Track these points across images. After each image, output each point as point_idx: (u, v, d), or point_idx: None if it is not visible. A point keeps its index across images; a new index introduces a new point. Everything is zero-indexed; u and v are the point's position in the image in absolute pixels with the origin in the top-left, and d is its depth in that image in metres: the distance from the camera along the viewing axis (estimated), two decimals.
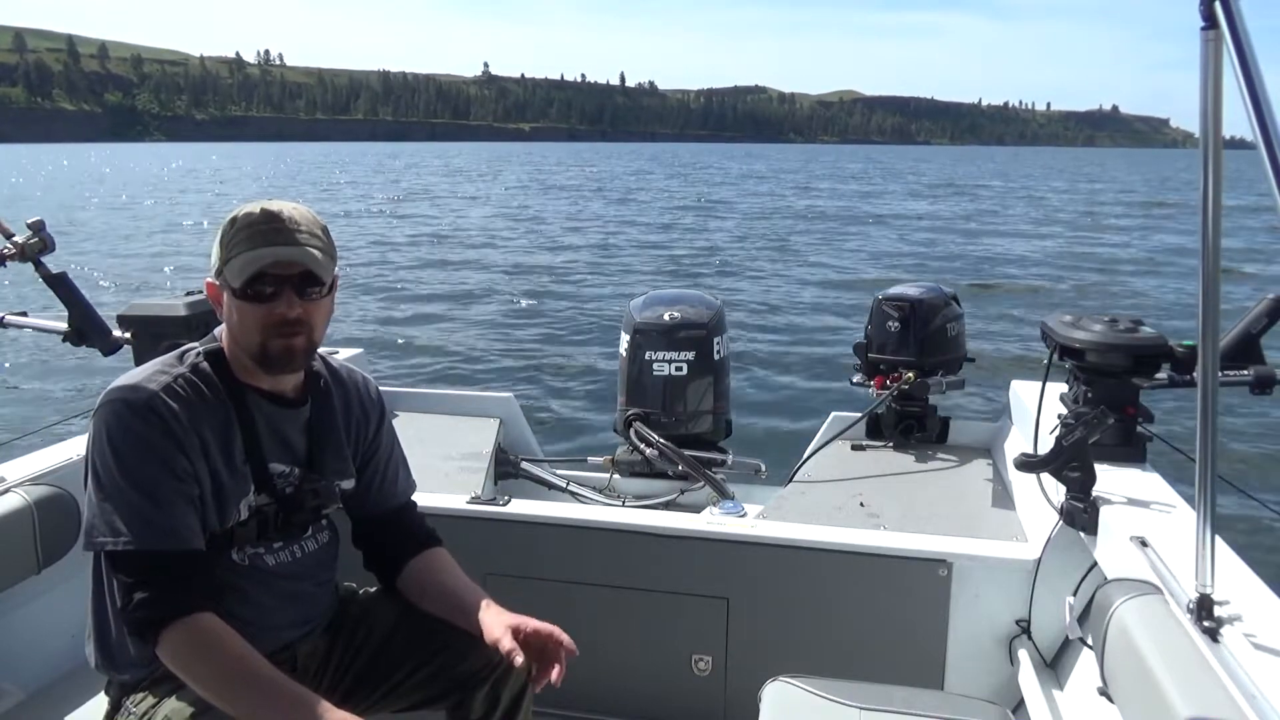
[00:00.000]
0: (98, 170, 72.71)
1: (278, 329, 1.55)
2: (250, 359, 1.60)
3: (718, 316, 3.19)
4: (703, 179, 59.66)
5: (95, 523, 1.47)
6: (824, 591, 2.25)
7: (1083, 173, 76.46)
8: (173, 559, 1.47)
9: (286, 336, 1.56)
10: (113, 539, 1.45)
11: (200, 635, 1.45)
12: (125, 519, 1.45)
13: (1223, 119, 1.32)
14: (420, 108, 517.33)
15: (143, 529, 1.45)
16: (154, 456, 1.47)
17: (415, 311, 12.95)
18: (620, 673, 2.41)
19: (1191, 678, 1.34)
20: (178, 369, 1.57)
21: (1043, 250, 20.68)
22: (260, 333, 1.56)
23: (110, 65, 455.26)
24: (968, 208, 35.01)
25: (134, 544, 1.45)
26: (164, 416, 1.49)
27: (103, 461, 1.48)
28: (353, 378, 1.84)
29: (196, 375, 1.57)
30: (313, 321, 1.59)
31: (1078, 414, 1.97)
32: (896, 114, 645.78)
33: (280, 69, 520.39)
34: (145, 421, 1.48)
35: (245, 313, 1.55)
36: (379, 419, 1.86)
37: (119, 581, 1.48)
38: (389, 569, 1.85)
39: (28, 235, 2.50)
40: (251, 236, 1.53)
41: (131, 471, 1.46)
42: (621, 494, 3.12)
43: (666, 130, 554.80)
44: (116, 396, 1.50)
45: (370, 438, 1.84)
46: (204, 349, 1.62)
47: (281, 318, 1.55)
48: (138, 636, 1.48)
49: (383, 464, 1.87)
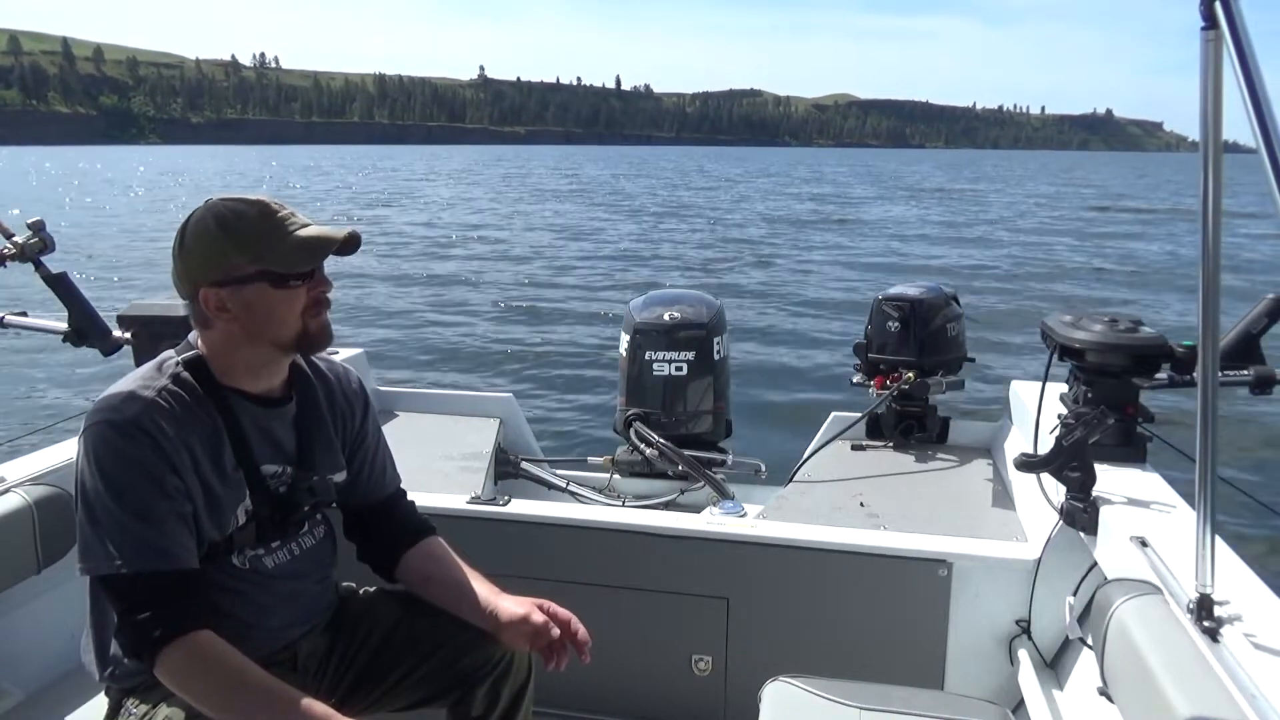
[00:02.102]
0: (79, 173, 72.40)
1: (316, 308, 1.58)
2: (284, 349, 1.60)
3: (717, 316, 3.19)
4: (701, 182, 59.71)
5: (88, 547, 1.46)
6: (824, 591, 2.25)
7: (1068, 177, 76.54)
8: (167, 579, 1.46)
9: (322, 313, 1.60)
10: (107, 563, 1.44)
11: (197, 654, 1.44)
12: (117, 542, 1.44)
13: (1223, 120, 1.33)
14: (416, 111, 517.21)
15: (135, 551, 1.44)
16: (143, 477, 1.46)
17: (415, 312, 12.95)
18: (620, 673, 2.41)
19: (1191, 678, 1.34)
20: (159, 381, 1.53)
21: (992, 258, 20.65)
22: (301, 316, 1.57)
23: (105, 68, 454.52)
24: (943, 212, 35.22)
25: (127, 567, 1.43)
26: (151, 434, 1.47)
27: (92, 484, 1.45)
28: (333, 370, 1.84)
29: (178, 385, 1.55)
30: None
31: (1078, 414, 1.97)
32: (891, 117, 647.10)
33: (276, 72, 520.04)
34: (132, 441, 1.46)
35: (286, 300, 1.55)
36: (363, 408, 1.86)
37: (114, 605, 1.47)
38: (386, 559, 1.85)
39: (28, 235, 2.50)
40: (282, 222, 1.54)
41: (121, 493, 1.44)
42: (621, 494, 3.12)
43: (662, 134, 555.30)
44: (101, 419, 1.48)
45: (357, 428, 1.84)
46: (182, 357, 1.59)
47: (323, 293, 1.58)
48: (135, 657, 1.48)
49: (370, 453, 1.86)
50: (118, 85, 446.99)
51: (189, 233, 1.54)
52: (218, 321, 1.56)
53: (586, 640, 1.70)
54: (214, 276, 1.53)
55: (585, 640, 1.70)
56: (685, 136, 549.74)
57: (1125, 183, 62.51)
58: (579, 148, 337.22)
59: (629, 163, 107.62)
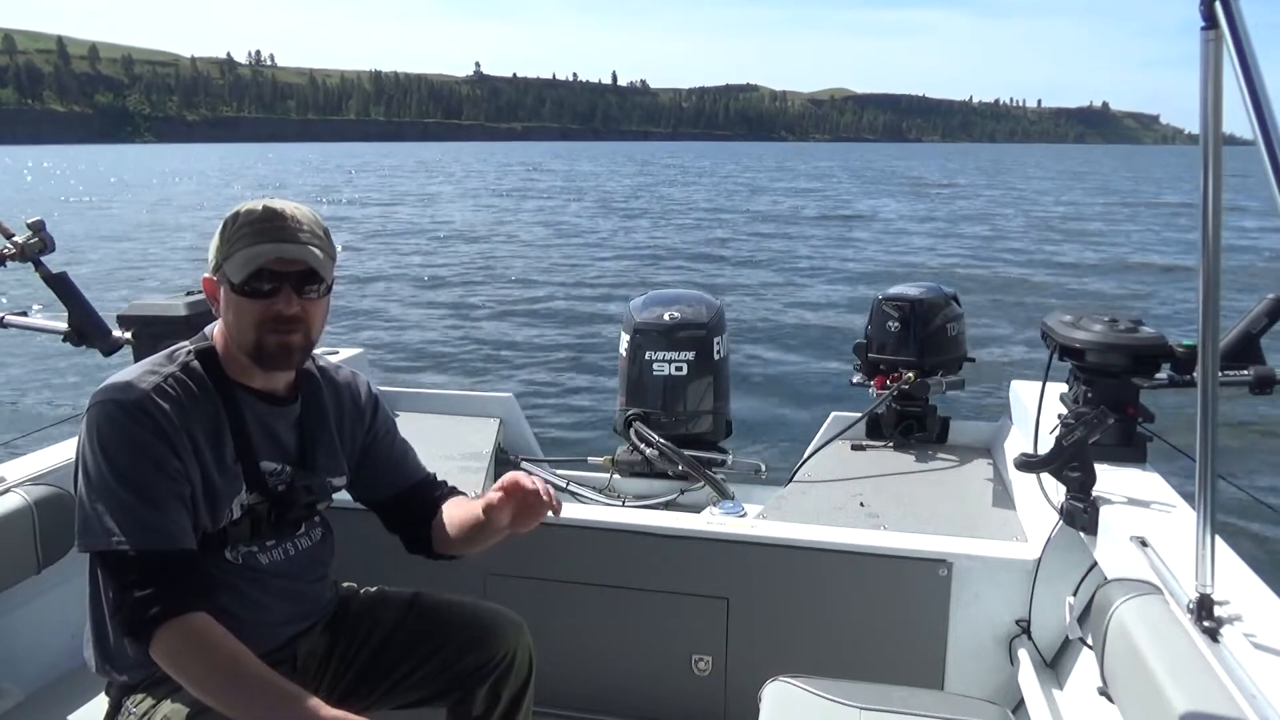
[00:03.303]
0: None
1: (274, 325, 1.56)
2: (246, 355, 1.60)
3: (717, 316, 3.19)
4: (700, 179, 59.65)
5: (87, 524, 1.46)
6: (824, 591, 2.25)
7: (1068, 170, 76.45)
8: (165, 558, 1.46)
9: (283, 334, 1.56)
10: (105, 539, 1.44)
11: (194, 635, 1.44)
12: (117, 519, 1.44)
13: (1223, 118, 1.33)
14: (413, 108, 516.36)
15: (135, 529, 1.44)
16: (145, 456, 1.47)
17: (415, 312, 12.95)
18: (620, 673, 2.41)
19: (1191, 678, 1.34)
20: (168, 368, 1.56)
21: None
22: (256, 329, 1.56)
23: (101, 66, 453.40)
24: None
25: (126, 544, 1.44)
26: (155, 416, 1.48)
27: (94, 462, 1.47)
28: (342, 375, 1.84)
29: (187, 374, 1.57)
30: (310, 320, 1.59)
31: (1078, 414, 1.97)
32: (888, 112, 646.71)
33: (272, 69, 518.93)
34: (136, 421, 1.47)
35: (243, 308, 1.55)
36: (373, 412, 1.86)
37: (112, 582, 1.48)
38: (425, 543, 1.85)
39: (28, 235, 2.49)
40: (254, 233, 1.53)
41: (123, 471, 1.45)
42: (621, 494, 3.12)
43: (659, 129, 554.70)
44: (107, 397, 1.50)
45: (365, 431, 1.84)
46: (195, 347, 1.62)
47: (279, 314, 1.55)
48: (131, 636, 1.47)
49: (386, 449, 1.87)
50: (113, 83, 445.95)
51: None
52: (216, 312, 1.62)
53: (557, 508, 1.64)
54: (211, 268, 1.59)
55: (555, 507, 1.64)
56: (682, 132, 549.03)
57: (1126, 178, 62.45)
58: (576, 144, 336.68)
59: (627, 159, 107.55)
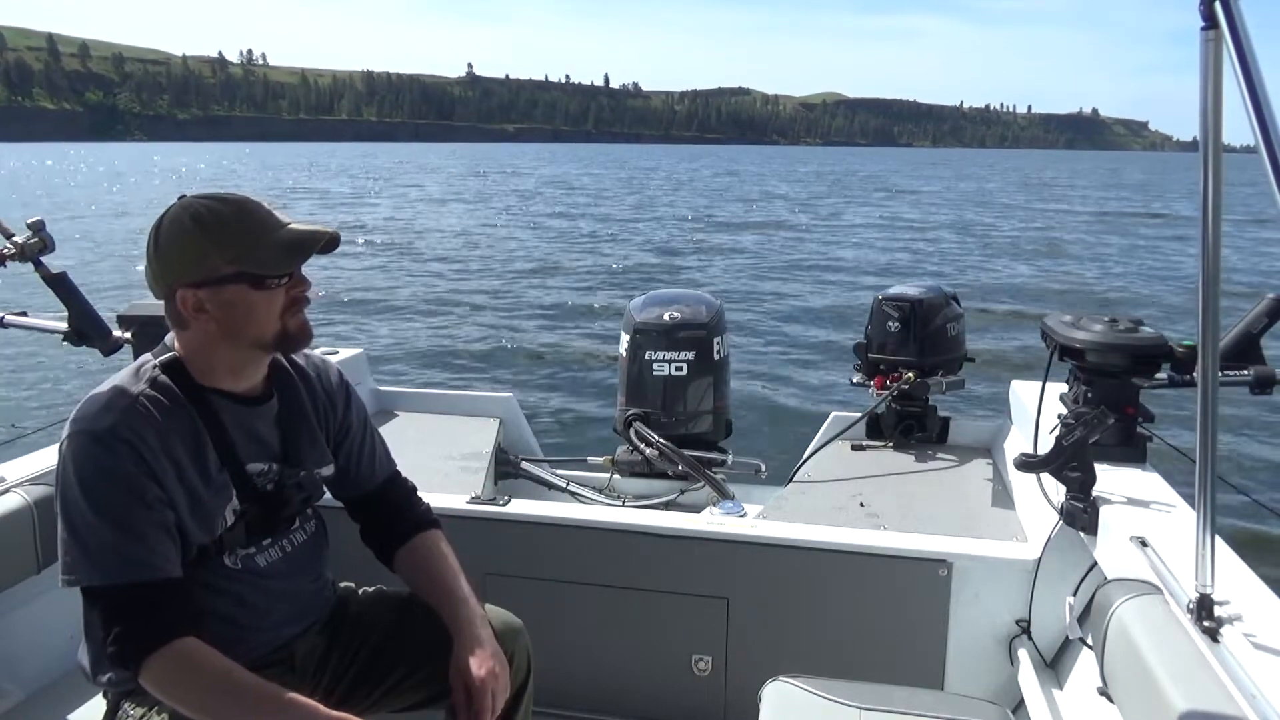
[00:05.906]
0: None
1: (296, 307, 1.56)
2: (264, 348, 1.59)
3: (717, 316, 3.19)
4: (698, 180, 59.70)
5: (70, 559, 1.44)
6: (824, 591, 2.25)
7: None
8: (148, 590, 1.44)
9: (299, 311, 1.58)
10: (88, 575, 1.43)
11: (181, 662, 1.43)
12: (98, 554, 1.42)
13: (1223, 120, 1.33)
14: (405, 108, 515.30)
15: (116, 563, 1.43)
16: (123, 488, 1.44)
17: (415, 312, 12.89)
18: (620, 673, 2.41)
19: (1191, 678, 1.35)
20: (137, 386, 1.51)
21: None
22: (281, 316, 1.55)
23: (91, 64, 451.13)
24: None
25: (108, 579, 1.43)
26: (131, 443, 1.44)
27: (72, 497, 1.44)
28: (311, 362, 1.82)
29: (157, 390, 1.52)
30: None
31: (1078, 414, 1.97)
32: (879, 116, 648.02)
33: (263, 69, 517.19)
34: (111, 452, 1.43)
35: (265, 300, 1.53)
36: (345, 399, 1.84)
37: (97, 616, 1.46)
38: (384, 549, 1.85)
39: (28, 235, 2.48)
40: (263, 223, 1.51)
41: (101, 505, 1.43)
42: (621, 494, 3.12)
43: (650, 132, 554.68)
44: (79, 429, 1.46)
45: (340, 419, 1.82)
46: (159, 360, 1.57)
47: (302, 293, 1.56)
48: (120, 668, 1.46)
49: (357, 443, 1.85)
50: (103, 82, 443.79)
51: (164, 232, 1.50)
52: (195, 322, 1.53)
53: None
54: (192, 277, 1.50)
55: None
56: (674, 135, 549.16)
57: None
58: (567, 146, 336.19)
59: (620, 162, 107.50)
